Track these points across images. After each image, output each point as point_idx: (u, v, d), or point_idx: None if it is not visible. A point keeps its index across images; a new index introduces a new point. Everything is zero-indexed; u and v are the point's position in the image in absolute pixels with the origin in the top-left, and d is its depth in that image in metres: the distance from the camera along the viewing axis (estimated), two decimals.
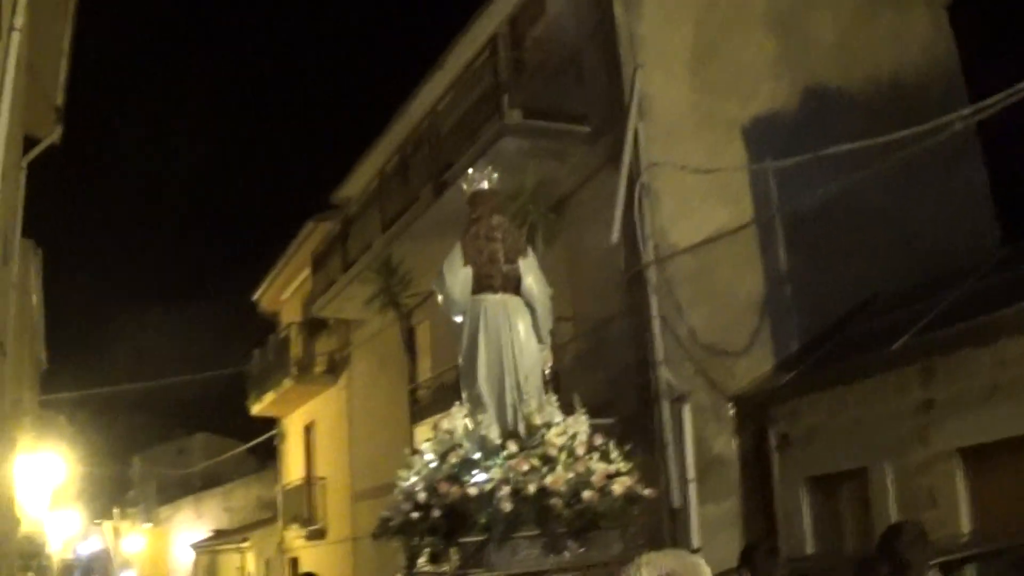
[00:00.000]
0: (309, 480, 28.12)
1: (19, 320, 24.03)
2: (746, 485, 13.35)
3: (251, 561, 34.88)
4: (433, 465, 7.83)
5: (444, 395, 17.46)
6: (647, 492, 7.88)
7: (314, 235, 26.17)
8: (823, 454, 12.26)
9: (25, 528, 26.30)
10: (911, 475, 10.86)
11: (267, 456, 42.04)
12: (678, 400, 13.24)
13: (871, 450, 11.47)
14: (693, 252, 13.91)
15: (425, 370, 20.32)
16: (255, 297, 31.93)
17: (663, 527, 12.73)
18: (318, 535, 26.29)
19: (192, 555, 45.25)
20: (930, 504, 10.52)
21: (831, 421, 12.14)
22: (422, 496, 7.56)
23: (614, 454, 7.96)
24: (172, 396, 66.29)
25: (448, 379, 17.68)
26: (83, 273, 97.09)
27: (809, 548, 12.23)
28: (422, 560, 7.76)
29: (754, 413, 13.27)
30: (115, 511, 64.28)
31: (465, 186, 8.91)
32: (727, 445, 13.50)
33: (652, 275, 13.79)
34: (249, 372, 30.35)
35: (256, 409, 30.25)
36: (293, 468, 30.45)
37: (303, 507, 27.85)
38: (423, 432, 15.75)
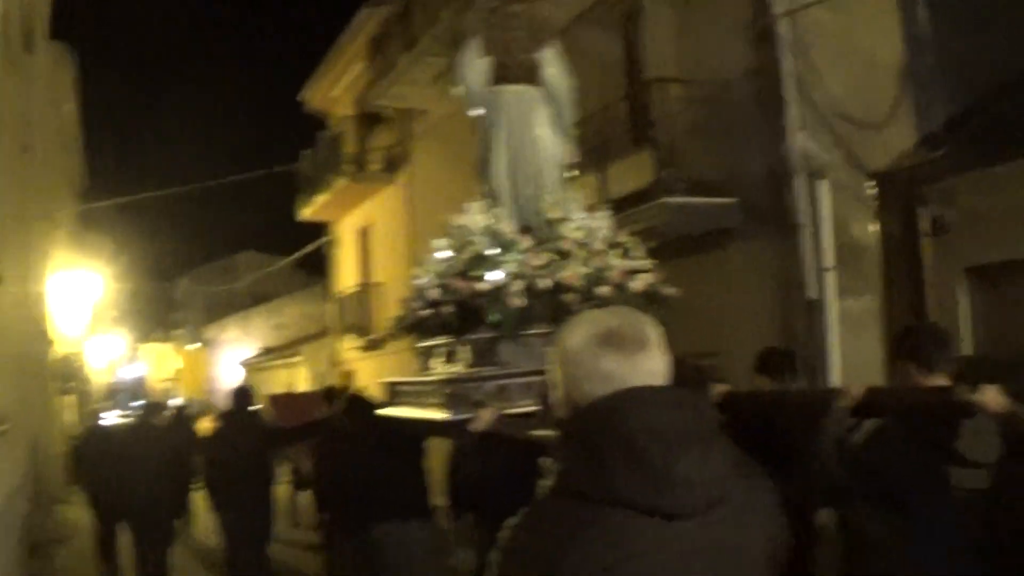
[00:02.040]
0: (365, 287, 26.26)
1: (52, 128, 22.58)
2: (889, 276, 11.46)
3: (302, 376, 33.09)
4: (446, 262, 7.72)
5: None
6: (670, 291, 7.75)
7: (370, 22, 24.17)
8: (989, 241, 10.34)
9: (61, 350, 25.54)
10: None
11: (315, 271, 41.61)
12: (814, 176, 11.40)
13: None
14: (829, 6, 11.75)
15: None
16: (303, 95, 29.64)
17: (796, 321, 11.33)
18: (375, 345, 24.34)
19: (241, 373, 44.00)
20: None
21: (1000, 202, 10.14)
22: (434, 293, 7.53)
23: (636, 251, 7.87)
24: (217, 211, 65.19)
25: None
26: (122, 78, 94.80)
27: (968, 349, 10.43)
28: (435, 360, 7.79)
29: (900, 193, 11.25)
30: (158, 333, 64.28)
31: None
32: (867, 230, 11.58)
33: (785, 29, 11.75)
34: (299, 173, 28.31)
35: (306, 213, 28.43)
36: (347, 276, 28.77)
37: (359, 316, 26.06)
38: None
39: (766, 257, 11.99)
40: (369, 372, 23.28)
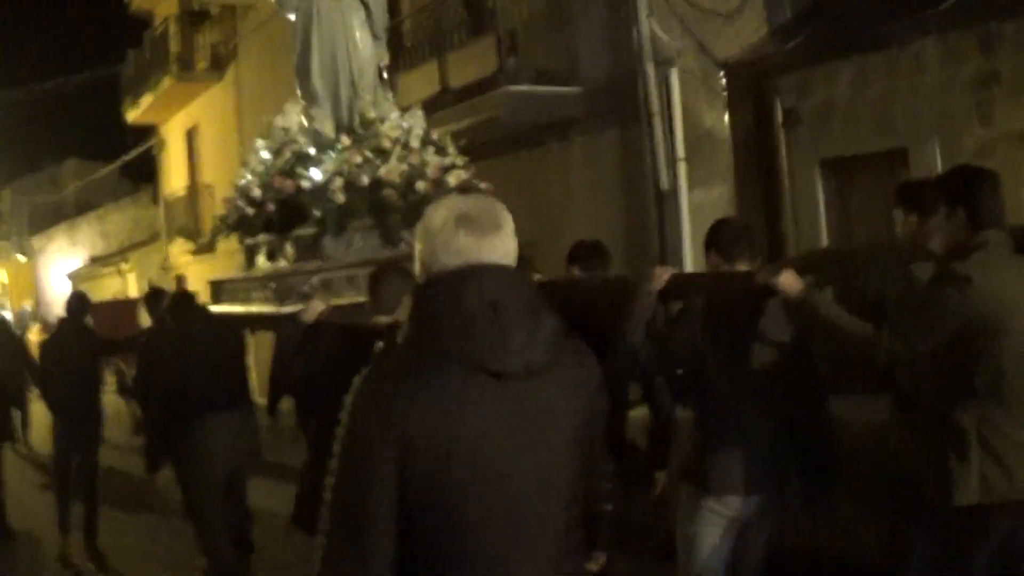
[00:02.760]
0: (194, 189, 25.61)
1: None
2: (741, 168, 11.31)
3: (132, 283, 31.95)
4: (268, 161, 7.99)
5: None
6: (484, 186, 7.82)
7: None
8: (843, 133, 10.35)
9: None
10: (969, 158, 8.60)
11: (142, 177, 41.15)
12: (664, 64, 11.22)
13: (912, 129, 9.60)
14: None
15: None
16: None
17: (649, 211, 11.33)
18: (206, 248, 23.34)
19: (68, 284, 42.45)
20: None
21: (854, 94, 10.16)
22: (257, 192, 7.83)
23: (451, 149, 8.21)
24: (39, 118, 62.59)
25: None
26: None
27: (823, 241, 10.61)
28: (260, 257, 8.10)
29: (753, 84, 11.09)
30: None
31: None
32: (719, 121, 11.42)
33: None
34: (123, 75, 27.34)
35: (132, 116, 27.50)
36: (175, 179, 28.04)
37: (189, 219, 25.45)
38: None
39: (612, 148, 11.91)
40: (201, 275, 22.45)
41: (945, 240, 4.76)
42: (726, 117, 11.25)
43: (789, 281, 4.49)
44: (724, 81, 11.21)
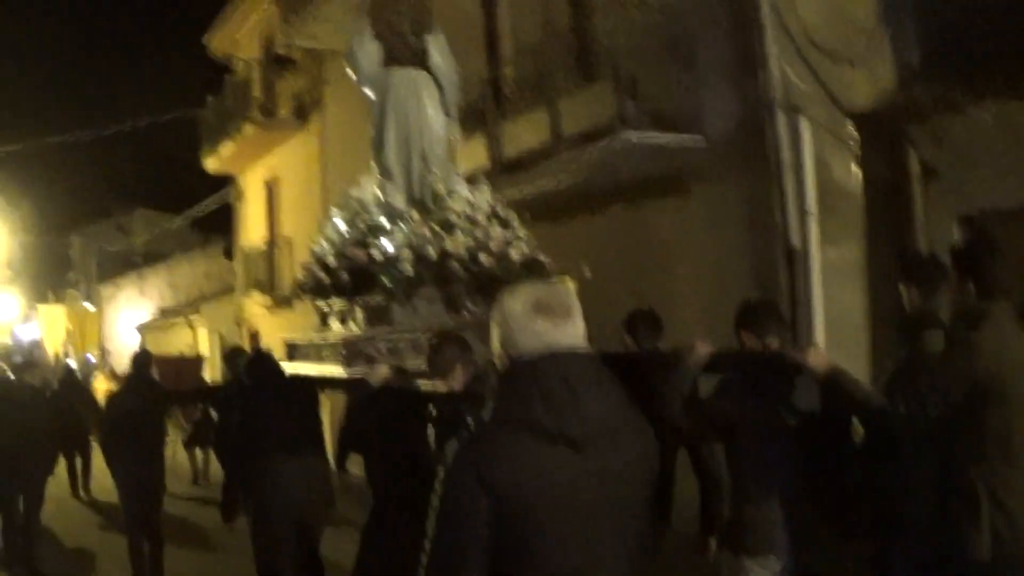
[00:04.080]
0: (273, 242, 25.32)
1: None
2: (873, 224, 10.52)
3: (203, 336, 31.66)
4: (343, 231, 8.51)
5: None
6: (546, 260, 8.61)
7: None
8: (984, 186, 9.49)
9: None
10: None
11: (213, 229, 41.09)
12: (792, 111, 10.51)
13: None
14: None
15: None
16: (207, 38, 28.15)
17: (777, 270, 10.60)
18: (283, 303, 23.13)
19: (136, 337, 42.34)
20: None
21: (996, 144, 9.33)
22: (331, 260, 8.36)
23: (515, 222, 8.69)
24: (113, 163, 63.28)
25: None
26: (8, 24, 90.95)
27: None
28: (333, 320, 8.67)
29: (885, 134, 10.30)
30: (54, 293, 63.00)
31: None
32: (848, 174, 10.59)
33: None
34: (202, 121, 27.07)
35: (211, 165, 27.20)
36: (253, 230, 27.73)
37: (266, 272, 25.22)
38: None
39: (736, 201, 11.18)
40: (275, 330, 22.17)
41: (956, 309, 5.26)
42: (856, 169, 10.52)
43: (816, 358, 5.21)
44: (853, 131, 10.50)
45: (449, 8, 16.48)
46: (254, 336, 25.44)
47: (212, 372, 26.24)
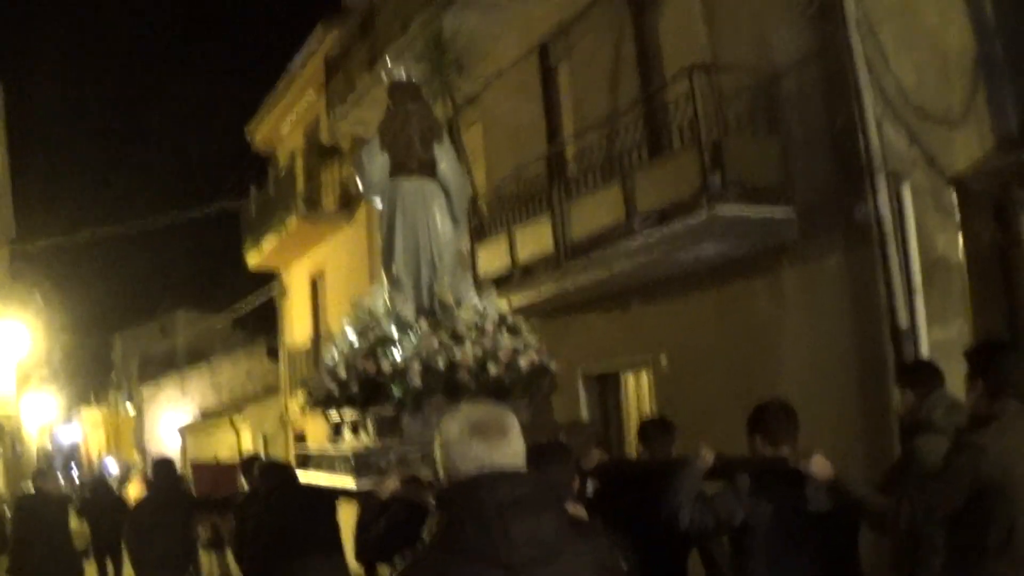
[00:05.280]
0: (318, 339, 24.63)
1: None
2: (980, 299, 9.61)
3: (246, 437, 30.92)
4: (352, 342, 8.61)
5: (503, 210, 15.05)
6: (554, 366, 8.84)
7: (326, 41, 22.88)
8: None
9: None
10: None
11: (256, 328, 41.77)
12: (893, 177, 9.74)
13: None
14: None
15: (478, 183, 16.62)
16: (249, 130, 27.66)
17: (883, 352, 9.73)
18: None
19: (178, 438, 41.84)
20: None
21: None
22: (342, 372, 8.45)
23: (524, 329, 8.83)
24: (153, 262, 63.73)
25: (508, 191, 15.15)
26: (50, 114, 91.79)
27: None
28: (345, 431, 8.89)
29: (989, 201, 9.50)
30: (95, 394, 63.05)
31: (384, 77, 9.66)
32: (951, 244, 9.74)
33: (851, 5, 9.99)
34: (244, 217, 26.90)
35: (254, 261, 26.97)
36: (297, 329, 27.35)
37: (311, 371, 23.60)
38: (485, 256, 15.11)
39: (834, 278, 10.40)
40: (321, 431, 21.05)
41: (969, 408, 5.57)
42: (960, 239, 9.66)
43: (820, 465, 5.35)
44: (955, 198, 9.66)
45: (507, 86, 15.85)
46: (300, 437, 24.70)
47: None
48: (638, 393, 14.29)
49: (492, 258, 14.86)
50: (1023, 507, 4.89)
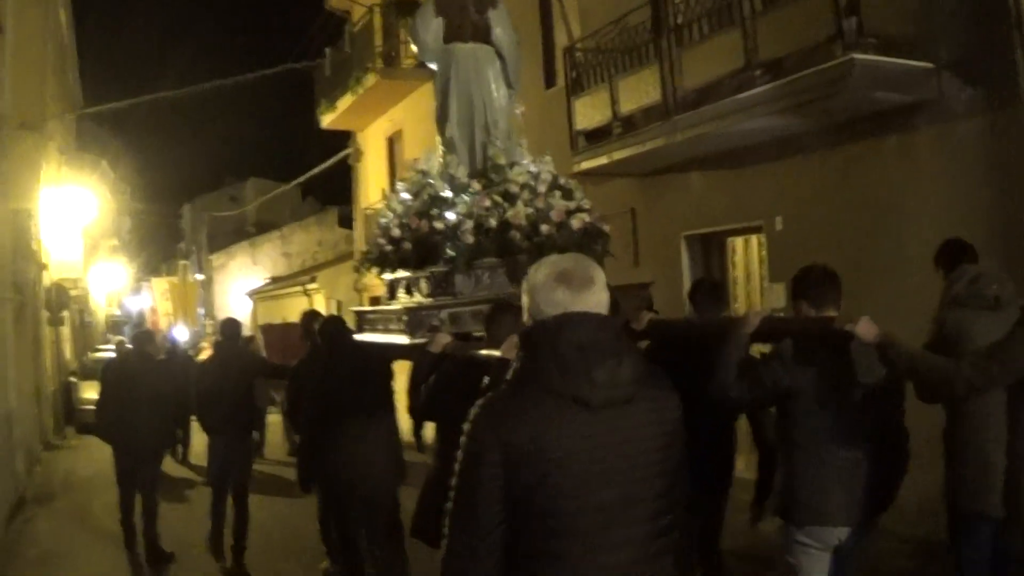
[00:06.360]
0: None
1: (42, 33, 20.24)
2: None
3: (320, 303, 30.57)
4: (407, 203, 8.83)
5: (596, 64, 14.37)
6: (607, 228, 8.83)
7: None
8: None
9: (55, 276, 24.80)
10: None
11: (327, 198, 43.44)
12: None
13: None
14: None
15: (573, 33, 15.81)
16: None
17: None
18: None
19: (249, 304, 41.66)
20: None
21: None
22: (396, 232, 8.67)
23: (577, 192, 8.87)
24: (223, 136, 63.67)
25: (608, 40, 14.17)
26: None
27: None
28: (400, 291, 9.10)
29: None
30: (164, 264, 63.62)
31: None
32: None
33: None
34: (319, 77, 25.99)
35: (328, 120, 26.09)
36: (373, 191, 26.63)
37: None
38: (582, 111, 14.61)
39: (975, 139, 9.61)
40: None
41: None
42: None
43: (865, 328, 5.19)
44: None
45: None
46: (374, 303, 23.97)
47: None
48: (747, 257, 13.81)
49: (591, 112, 14.30)
50: None
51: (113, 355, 21.89)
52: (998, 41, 9.25)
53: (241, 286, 46.04)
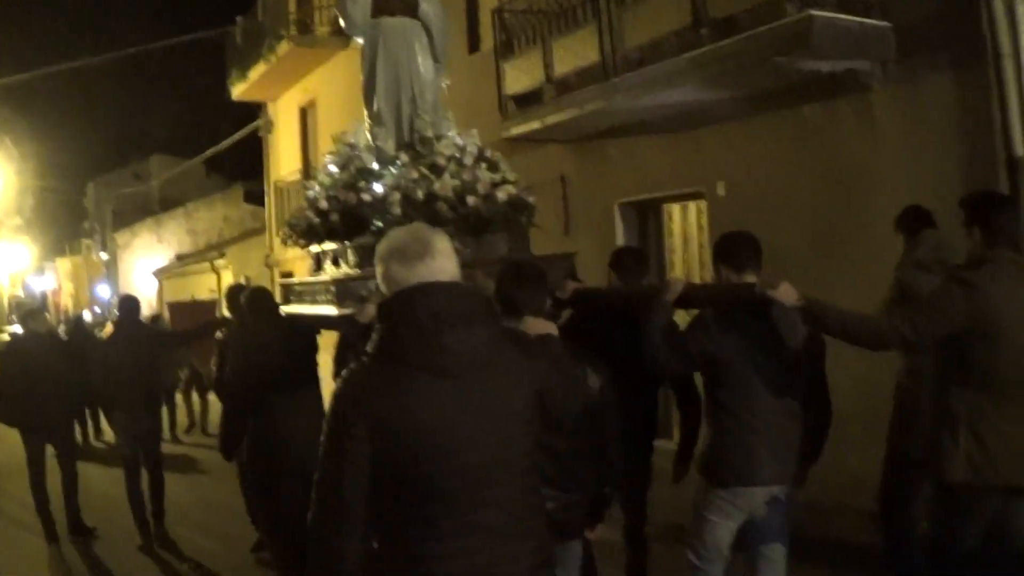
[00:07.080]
0: (308, 173, 23.56)
1: None
2: None
3: (229, 280, 30.00)
4: (335, 175, 8.80)
5: (528, 26, 13.98)
6: (532, 200, 8.74)
7: None
8: None
9: None
10: None
11: (233, 173, 42.67)
12: None
13: None
14: None
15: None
16: None
17: (996, 184, 8.74)
18: None
19: (155, 283, 40.99)
20: None
21: None
22: (323, 204, 8.62)
23: (503, 165, 8.84)
24: (126, 112, 62.72)
25: (535, 2, 13.92)
26: None
27: None
28: (327, 263, 8.99)
29: None
30: (69, 244, 62.69)
31: None
32: None
33: None
34: (229, 45, 25.64)
35: (239, 91, 25.93)
36: (285, 163, 26.54)
37: (301, 207, 22.52)
38: (513, 74, 14.47)
39: (934, 103, 9.48)
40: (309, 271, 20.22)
41: (966, 254, 5.79)
42: None
43: (786, 292, 5.39)
44: None
45: None
46: (286, 276, 23.59)
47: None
48: (684, 225, 13.63)
49: (521, 76, 14.05)
50: (1007, 350, 5.25)
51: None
52: (959, 2, 9.10)
53: (146, 264, 45.44)
